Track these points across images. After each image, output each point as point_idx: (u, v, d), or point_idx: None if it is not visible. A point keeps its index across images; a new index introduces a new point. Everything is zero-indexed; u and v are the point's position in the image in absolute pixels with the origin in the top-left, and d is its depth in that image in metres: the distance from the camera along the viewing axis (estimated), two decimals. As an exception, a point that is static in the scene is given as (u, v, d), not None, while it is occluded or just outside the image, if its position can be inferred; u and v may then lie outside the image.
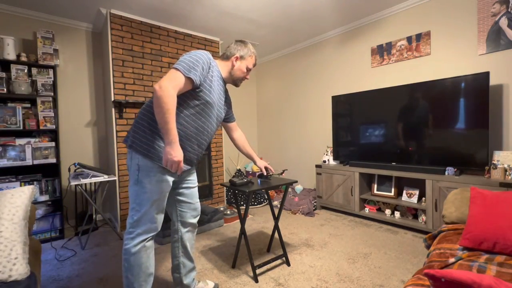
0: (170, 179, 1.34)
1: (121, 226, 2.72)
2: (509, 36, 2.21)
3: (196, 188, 1.57)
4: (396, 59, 2.92)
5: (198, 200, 1.57)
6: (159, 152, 1.26)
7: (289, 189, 3.86)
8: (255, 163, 1.85)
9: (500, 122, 2.29)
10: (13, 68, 2.43)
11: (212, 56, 1.41)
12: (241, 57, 1.47)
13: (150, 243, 1.34)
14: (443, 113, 2.43)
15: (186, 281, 1.54)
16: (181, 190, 1.49)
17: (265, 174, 1.90)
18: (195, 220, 1.56)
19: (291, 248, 2.27)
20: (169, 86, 1.16)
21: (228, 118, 1.69)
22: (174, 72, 1.20)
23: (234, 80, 1.51)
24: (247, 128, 4.79)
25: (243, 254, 2.17)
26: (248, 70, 1.52)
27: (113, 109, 2.71)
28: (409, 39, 2.81)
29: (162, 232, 2.41)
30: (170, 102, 1.15)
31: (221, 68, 1.45)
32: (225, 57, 1.48)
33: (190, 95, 1.30)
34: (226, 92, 1.56)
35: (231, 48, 1.48)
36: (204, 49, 3.45)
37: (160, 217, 1.35)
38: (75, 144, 3.03)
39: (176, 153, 1.19)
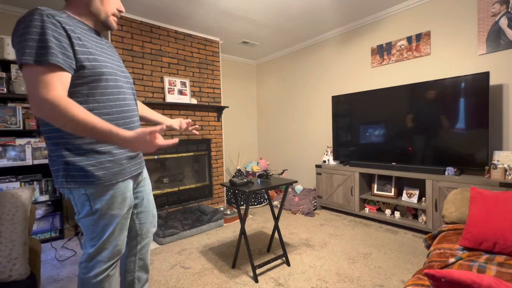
0: (131, 190, 1.09)
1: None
2: (509, 36, 2.21)
3: (151, 193, 1.32)
4: (396, 59, 2.92)
5: (154, 204, 1.32)
6: (105, 165, 0.97)
7: (289, 189, 3.86)
8: (158, 123, 1.32)
9: (500, 122, 2.29)
10: (13, 68, 2.43)
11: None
12: None
13: (114, 271, 1.09)
14: (443, 113, 2.43)
15: None
16: (137, 200, 1.22)
17: (182, 128, 1.38)
18: (155, 228, 1.33)
19: (291, 248, 2.27)
20: (48, 93, 0.81)
21: None
22: (34, 71, 0.81)
23: (102, 19, 1.02)
24: (247, 128, 4.79)
25: (243, 254, 2.17)
26: None
27: (113, 109, 2.71)
28: (409, 39, 2.81)
29: (162, 232, 2.41)
30: (68, 107, 0.81)
31: (77, 15, 0.98)
32: None
33: (78, 81, 0.92)
34: (108, 44, 1.10)
35: None
36: (204, 49, 3.48)
37: (124, 236, 1.09)
38: (75, 144, 3.03)
39: (131, 138, 0.86)
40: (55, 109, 0.80)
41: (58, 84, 0.83)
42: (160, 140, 0.91)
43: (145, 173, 1.27)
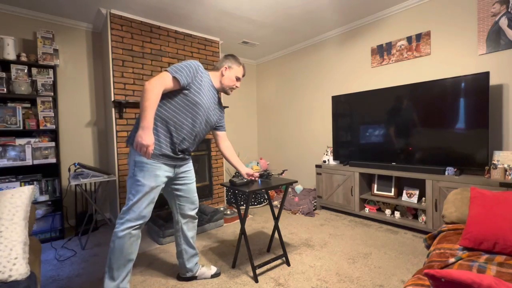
0: (163, 174, 1.49)
1: (121, 226, 2.72)
2: (509, 36, 2.21)
3: (194, 184, 1.72)
4: (396, 59, 2.92)
5: (195, 194, 1.73)
6: (154, 150, 1.44)
7: (289, 189, 3.86)
8: (240, 173, 1.89)
9: (500, 122, 2.29)
10: (13, 68, 2.43)
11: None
12: (230, 67, 1.65)
13: (136, 232, 1.47)
14: (443, 113, 2.43)
15: (188, 265, 1.75)
16: (178, 186, 1.65)
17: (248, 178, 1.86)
18: (193, 212, 1.73)
19: (291, 248, 2.27)
20: (157, 82, 1.35)
21: (218, 127, 1.80)
22: (163, 72, 1.41)
23: (224, 88, 1.67)
24: (247, 128, 4.79)
25: (243, 254, 2.17)
26: (238, 79, 1.69)
27: (113, 109, 2.71)
28: (409, 39, 2.81)
29: (162, 232, 2.41)
30: (153, 94, 1.32)
31: (212, 77, 1.63)
32: (216, 68, 1.67)
33: (180, 94, 1.47)
34: (219, 101, 1.72)
35: (221, 60, 1.67)
36: (204, 49, 3.49)
37: (149, 208, 1.48)
38: (75, 144, 3.03)
39: (146, 137, 1.30)
40: (152, 90, 1.33)
41: (165, 84, 1.39)
42: (147, 154, 1.34)
43: (189, 166, 1.70)
